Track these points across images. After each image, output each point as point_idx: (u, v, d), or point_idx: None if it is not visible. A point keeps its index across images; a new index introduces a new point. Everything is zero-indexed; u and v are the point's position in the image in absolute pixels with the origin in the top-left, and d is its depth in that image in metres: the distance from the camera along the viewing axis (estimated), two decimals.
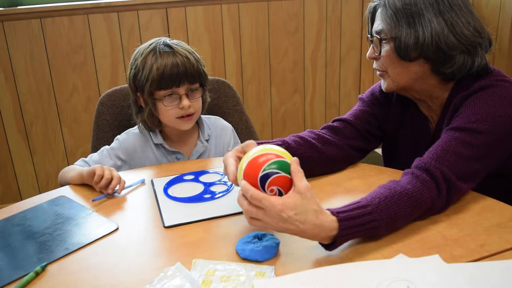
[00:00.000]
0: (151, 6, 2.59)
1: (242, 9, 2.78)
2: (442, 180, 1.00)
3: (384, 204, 0.94)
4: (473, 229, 0.97)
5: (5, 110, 2.51)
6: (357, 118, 1.31)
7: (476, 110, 1.07)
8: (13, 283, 0.89)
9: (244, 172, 0.90)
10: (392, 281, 0.81)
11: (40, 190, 2.68)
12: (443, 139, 1.07)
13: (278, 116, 3.04)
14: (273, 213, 0.86)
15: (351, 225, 0.89)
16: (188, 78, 1.34)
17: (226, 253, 0.94)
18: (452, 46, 1.10)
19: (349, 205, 0.93)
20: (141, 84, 1.35)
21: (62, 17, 2.48)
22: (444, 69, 1.13)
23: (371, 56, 1.21)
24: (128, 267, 0.92)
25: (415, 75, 1.16)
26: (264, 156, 0.90)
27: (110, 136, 1.56)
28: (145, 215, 1.12)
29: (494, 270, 0.84)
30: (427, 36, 1.09)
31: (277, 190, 0.89)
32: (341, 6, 2.99)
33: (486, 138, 1.05)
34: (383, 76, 1.22)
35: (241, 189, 0.89)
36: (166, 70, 1.31)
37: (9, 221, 1.11)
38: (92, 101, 2.64)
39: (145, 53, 1.36)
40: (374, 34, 1.18)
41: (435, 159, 1.02)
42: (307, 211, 0.86)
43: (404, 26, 1.11)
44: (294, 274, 0.85)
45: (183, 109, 1.34)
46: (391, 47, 1.14)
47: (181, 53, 1.34)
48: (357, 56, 3.14)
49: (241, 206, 0.90)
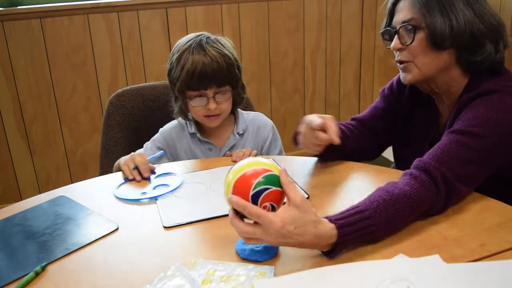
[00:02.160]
0: (151, 6, 2.59)
1: (242, 9, 2.78)
2: (441, 180, 1.00)
3: (382, 207, 0.93)
4: (473, 229, 0.97)
5: (5, 110, 2.51)
6: (373, 117, 1.38)
7: (478, 114, 1.07)
8: (13, 283, 0.89)
9: (233, 189, 0.87)
10: (392, 281, 0.80)
11: (40, 190, 2.67)
12: (443, 141, 1.07)
13: (278, 116, 3.04)
14: (272, 230, 0.84)
15: (350, 232, 0.89)
16: (216, 82, 1.37)
17: (226, 253, 0.94)
18: (484, 34, 1.13)
19: (347, 211, 0.92)
20: (173, 80, 1.42)
21: (62, 17, 2.48)
22: (474, 58, 1.14)
23: (396, 47, 1.19)
24: (128, 267, 0.92)
25: (444, 65, 1.16)
26: (252, 170, 0.87)
27: (119, 136, 1.57)
28: (145, 215, 1.12)
29: (494, 270, 0.84)
30: (462, 24, 1.11)
31: (270, 206, 0.87)
32: (341, 6, 2.99)
33: (486, 142, 1.05)
34: (406, 68, 1.20)
35: (235, 205, 0.86)
36: (195, 72, 1.35)
37: (9, 221, 1.11)
38: (92, 101, 2.64)
39: (182, 49, 1.40)
40: (402, 24, 1.17)
41: (435, 160, 1.02)
42: (306, 223, 0.85)
43: (437, 14, 1.12)
44: (294, 274, 0.85)
45: (209, 110, 1.39)
46: (425, 36, 1.14)
47: (211, 56, 1.37)
48: (357, 56, 3.14)
49: (236, 227, 0.88)
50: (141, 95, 1.63)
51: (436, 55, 1.15)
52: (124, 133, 1.57)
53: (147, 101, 1.63)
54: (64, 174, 2.71)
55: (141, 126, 1.52)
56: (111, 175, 1.34)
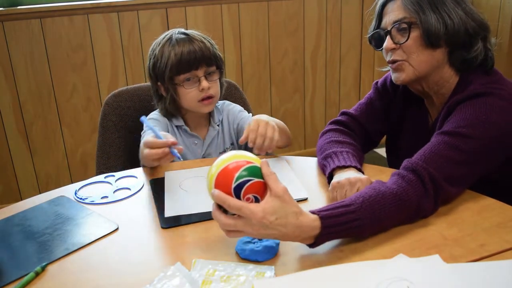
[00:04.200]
0: (151, 6, 2.59)
1: (242, 9, 2.78)
2: (429, 180, 1.00)
3: (368, 203, 0.93)
4: (473, 229, 0.97)
5: (5, 110, 2.51)
6: (364, 114, 1.37)
7: (467, 116, 1.08)
8: (13, 283, 0.89)
9: (215, 183, 0.86)
10: (392, 281, 0.81)
11: (40, 190, 2.68)
12: (432, 142, 1.07)
13: (278, 116, 3.04)
14: (254, 221, 0.84)
15: (333, 224, 0.89)
16: (206, 61, 1.41)
17: (226, 253, 0.94)
18: (476, 31, 1.14)
19: (332, 205, 0.93)
20: (160, 71, 1.42)
21: (62, 17, 2.48)
22: (467, 55, 1.15)
23: (389, 47, 1.18)
24: (128, 267, 0.92)
25: (437, 63, 1.17)
26: (234, 163, 0.86)
27: (116, 137, 1.56)
28: (145, 215, 1.12)
29: (494, 270, 0.84)
30: (456, 22, 1.13)
31: (253, 197, 0.86)
32: (341, 6, 2.99)
33: (475, 143, 1.05)
34: (399, 68, 1.20)
35: (216, 199, 0.86)
36: (183, 55, 1.39)
37: (9, 221, 1.11)
38: (92, 101, 2.64)
39: (162, 42, 1.44)
40: (394, 24, 1.17)
41: (423, 160, 1.02)
42: (288, 214, 0.86)
43: (430, 13, 1.13)
44: (294, 274, 0.85)
45: (203, 90, 1.41)
46: (420, 34, 1.14)
47: (196, 38, 1.43)
48: (357, 56, 3.14)
49: (218, 220, 0.88)
50: (138, 96, 1.63)
51: (431, 53, 1.16)
52: (120, 134, 1.57)
53: (143, 101, 1.63)
54: (64, 174, 2.71)
55: (137, 126, 1.51)
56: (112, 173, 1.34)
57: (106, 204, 1.16)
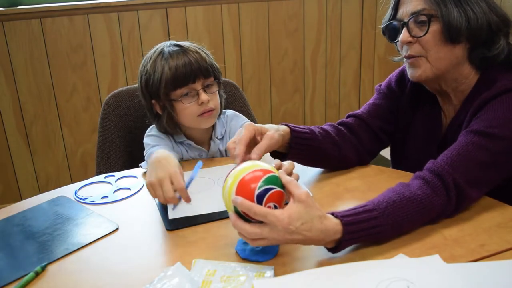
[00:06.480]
0: (151, 6, 2.59)
1: (242, 9, 2.78)
2: (454, 187, 0.97)
3: (391, 209, 0.92)
4: (473, 229, 0.97)
5: (5, 110, 2.51)
6: (371, 115, 1.29)
7: (497, 115, 1.02)
8: (13, 283, 0.89)
9: (237, 192, 0.87)
10: (392, 281, 0.80)
11: (40, 190, 2.67)
12: (459, 142, 1.03)
13: (278, 116, 3.04)
14: (280, 228, 0.83)
15: (356, 230, 0.89)
16: (203, 72, 1.31)
17: (226, 253, 0.94)
18: (499, 26, 1.08)
19: (355, 209, 0.91)
20: (155, 88, 1.32)
21: (62, 17, 2.48)
22: (488, 53, 1.09)
23: (406, 40, 1.10)
24: (128, 267, 0.92)
25: (456, 60, 1.11)
26: (254, 172, 0.87)
27: (115, 137, 1.56)
28: (145, 215, 1.12)
29: (494, 270, 0.84)
30: (480, 17, 1.06)
31: (273, 206, 0.87)
32: (341, 6, 2.99)
33: (505, 144, 1.01)
34: (416, 63, 1.12)
35: (240, 206, 0.85)
36: (179, 68, 1.29)
37: (9, 221, 1.11)
38: (92, 101, 2.64)
39: (153, 57, 1.34)
40: (412, 15, 1.09)
41: (449, 164, 0.99)
42: (313, 218, 0.85)
43: (452, 6, 1.06)
44: (294, 274, 0.85)
45: (203, 104, 1.32)
46: (440, 28, 1.07)
47: (191, 49, 1.33)
48: (357, 56, 3.14)
49: (241, 229, 0.86)
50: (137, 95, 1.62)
51: (450, 48, 1.09)
52: (120, 134, 1.56)
53: None
54: (64, 174, 2.71)
55: (137, 126, 1.51)
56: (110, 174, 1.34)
57: (106, 204, 1.16)
